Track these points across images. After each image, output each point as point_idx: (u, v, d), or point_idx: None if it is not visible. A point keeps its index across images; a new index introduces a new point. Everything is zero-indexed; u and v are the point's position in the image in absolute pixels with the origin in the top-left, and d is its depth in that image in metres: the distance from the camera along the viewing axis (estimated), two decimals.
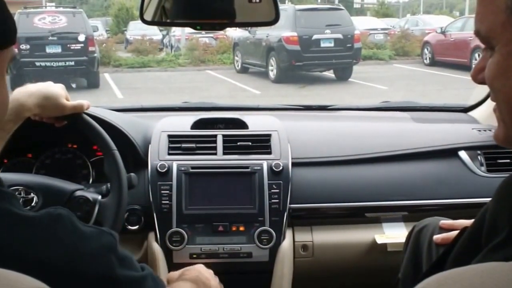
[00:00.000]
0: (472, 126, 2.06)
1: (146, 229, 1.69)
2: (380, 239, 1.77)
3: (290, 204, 1.72)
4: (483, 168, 1.86)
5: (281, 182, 1.72)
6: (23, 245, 0.83)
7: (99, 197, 1.44)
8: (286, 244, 1.71)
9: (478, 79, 0.84)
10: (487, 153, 1.88)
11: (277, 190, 1.71)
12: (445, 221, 1.35)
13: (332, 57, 12.50)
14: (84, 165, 1.80)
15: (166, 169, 1.71)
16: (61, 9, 14.09)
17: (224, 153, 1.79)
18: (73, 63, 11.97)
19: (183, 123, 1.91)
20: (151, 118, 1.97)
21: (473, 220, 0.91)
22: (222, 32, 16.82)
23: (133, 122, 1.85)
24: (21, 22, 11.36)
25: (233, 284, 1.43)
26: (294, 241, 1.75)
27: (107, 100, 10.06)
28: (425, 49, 15.82)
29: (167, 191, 1.69)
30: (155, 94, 10.83)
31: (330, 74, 13.31)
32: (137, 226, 1.68)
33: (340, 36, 12.61)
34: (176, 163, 1.73)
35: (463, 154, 1.88)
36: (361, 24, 17.21)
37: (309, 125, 2.13)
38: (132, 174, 1.46)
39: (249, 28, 12.52)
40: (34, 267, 0.81)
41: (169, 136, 1.82)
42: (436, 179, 1.83)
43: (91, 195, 1.44)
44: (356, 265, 1.80)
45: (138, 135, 1.77)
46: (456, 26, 15.29)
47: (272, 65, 12.60)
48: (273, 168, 1.73)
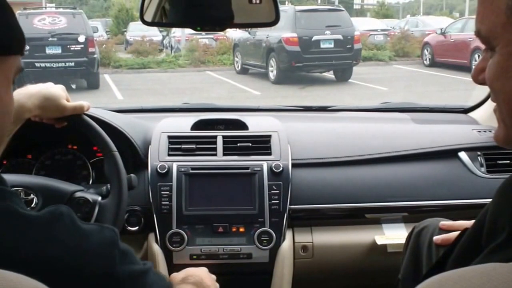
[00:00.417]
0: (472, 127, 2.06)
1: (146, 230, 1.69)
2: (380, 240, 1.76)
3: (290, 205, 1.72)
4: (483, 169, 1.86)
5: (281, 183, 1.72)
6: (25, 243, 0.83)
7: (99, 198, 1.44)
8: (286, 245, 1.71)
9: (478, 80, 0.84)
10: (487, 154, 1.88)
11: (277, 191, 1.71)
12: (445, 222, 1.35)
13: (332, 58, 12.49)
14: (84, 166, 1.80)
15: (166, 170, 1.71)
16: (61, 10, 14.10)
17: (224, 154, 1.78)
18: (73, 64, 11.95)
19: (183, 124, 1.91)
20: (151, 119, 1.97)
21: (474, 221, 0.91)
22: (222, 33, 16.83)
23: (133, 123, 1.85)
24: (20, 23, 11.20)
25: (233, 285, 1.43)
26: (294, 242, 1.75)
27: (107, 101, 10.06)
28: (425, 50, 15.81)
29: (167, 192, 1.69)
30: (155, 95, 10.83)
31: (330, 75, 13.31)
32: (137, 227, 1.67)
33: (340, 37, 12.61)
34: (176, 164, 1.73)
35: (463, 155, 1.88)
36: (361, 25, 17.24)
37: (309, 126, 2.12)
38: (132, 175, 1.46)
39: (249, 29, 12.54)
40: (35, 265, 0.81)
41: (169, 137, 1.82)
42: (436, 180, 1.83)
43: (91, 196, 1.44)
44: (356, 266, 1.80)
45: (138, 136, 1.77)
46: (456, 27, 15.29)
47: (272, 66, 12.60)
48: (273, 169, 1.73)
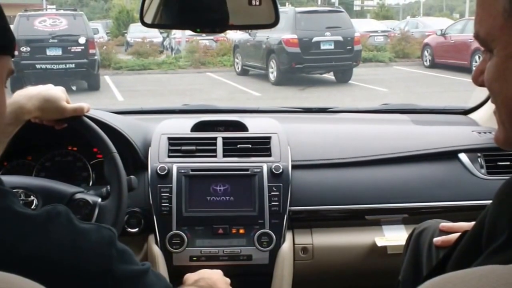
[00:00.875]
0: (472, 128, 2.06)
1: (146, 232, 1.69)
2: (380, 241, 1.76)
3: (290, 206, 1.72)
4: (483, 171, 1.86)
5: (281, 184, 1.72)
6: (22, 242, 0.83)
7: (99, 199, 1.44)
8: (286, 247, 1.71)
9: (479, 81, 0.84)
10: (487, 156, 1.88)
11: (277, 193, 1.71)
12: (445, 224, 1.35)
13: (332, 59, 12.50)
14: (84, 168, 1.80)
15: (166, 171, 1.71)
16: (62, 11, 14.15)
17: (224, 156, 1.78)
18: (73, 65, 11.97)
19: (183, 126, 1.91)
20: (151, 121, 1.97)
21: (474, 223, 0.91)
22: (222, 34, 16.84)
23: (133, 124, 1.85)
24: (21, 24, 11.37)
25: (233, 287, 1.42)
26: (294, 244, 1.75)
27: (107, 102, 10.06)
28: (425, 51, 15.81)
29: (167, 194, 1.69)
30: (155, 97, 10.83)
31: (330, 76, 13.31)
32: (137, 229, 1.67)
33: (340, 38, 12.61)
34: (176, 165, 1.73)
35: (463, 157, 1.88)
36: (361, 26, 17.24)
37: (309, 127, 2.12)
38: (132, 176, 1.46)
39: (249, 31, 12.54)
40: (33, 263, 0.81)
41: (169, 139, 1.82)
42: (436, 182, 1.83)
43: (91, 197, 1.44)
44: (356, 268, 1.79)
45: (138, 137, 1.77)
46: (456, 28, 15.29)
47: (272, 67, 12.61)
48: (273, 170, 1.73)
